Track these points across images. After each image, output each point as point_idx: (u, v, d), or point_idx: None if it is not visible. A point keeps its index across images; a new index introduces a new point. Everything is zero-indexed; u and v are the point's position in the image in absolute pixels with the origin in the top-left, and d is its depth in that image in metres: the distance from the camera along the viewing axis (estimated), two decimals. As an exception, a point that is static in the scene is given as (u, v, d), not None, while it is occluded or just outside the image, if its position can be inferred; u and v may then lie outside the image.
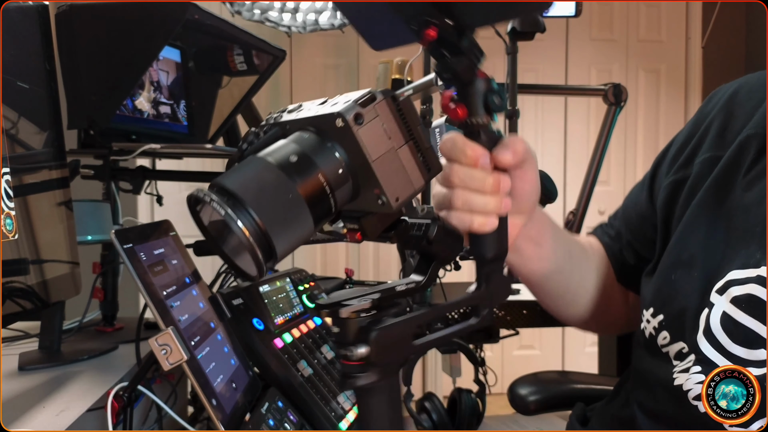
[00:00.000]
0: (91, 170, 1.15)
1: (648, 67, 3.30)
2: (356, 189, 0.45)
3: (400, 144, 0.44)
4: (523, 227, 0.62)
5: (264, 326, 0.91)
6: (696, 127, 0.71)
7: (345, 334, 0.47)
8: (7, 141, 0.81)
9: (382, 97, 0.44)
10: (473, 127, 0.51)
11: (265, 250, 0.41)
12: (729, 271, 0.59)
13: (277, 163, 0.42)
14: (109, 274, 1.17)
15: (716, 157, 0.65)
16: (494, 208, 0.52)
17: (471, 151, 0.51)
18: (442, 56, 0.49)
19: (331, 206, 0.44)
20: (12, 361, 0.95)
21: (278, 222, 0.41)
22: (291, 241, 0.42)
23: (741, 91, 0.68)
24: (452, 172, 0.53)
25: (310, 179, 0.43)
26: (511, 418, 1.39)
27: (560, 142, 3.26)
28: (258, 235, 0.40)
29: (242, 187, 0.41)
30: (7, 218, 0.78)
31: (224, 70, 1.33)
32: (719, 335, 0.57)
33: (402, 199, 0.44)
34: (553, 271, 0.70)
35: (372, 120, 0.43)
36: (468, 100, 0.50)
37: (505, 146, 0.53)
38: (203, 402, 0.75)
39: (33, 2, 0.91)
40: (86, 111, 1.04)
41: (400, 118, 0.45)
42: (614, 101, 1.83)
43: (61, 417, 0.74)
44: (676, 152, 0.72)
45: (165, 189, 1.39)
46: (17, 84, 0.87)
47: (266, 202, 0.41)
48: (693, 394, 0.58)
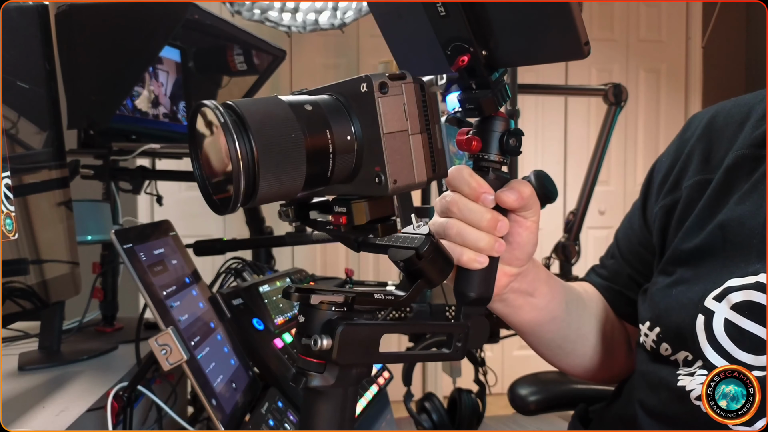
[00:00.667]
0: (91, 170, 1.15)
1: (648, 67, 3.30)
2: (357, 168, 0.44)
3: (416, 131, 0.44)
4: (514, 279, 0.60)
5: (264, 326, 0.91)
6: (678, 152, 0.71)
7: (310, 324, 0.45)
8: (7, 141, 0.81)
9: (412, 80, 0.44)
10: (483, 163, 0.52)
11: (249, 183, 0.38)
12: (727, 280, 0.59)
13: (291, 105, 0.41)
14: (109, 274, 1.17)
15: (705, 180, 0.65)
16: (486, 246, 0.51)
17: (475, 184, 0.51)
18: (469, 87, 0.49)
19: (327, 169, 0.42)
20: (12, 361, 0.95)
21: (272, 159, 0.39)
22: (276, 185, 0.40)
23: (718, 117, 0.69)
24: (453, 201, 0.53)
25: (318, 132, 0.41)
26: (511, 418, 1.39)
27: (560, 142, 3.25)
28: (248, 162, 0.38)
29: (249, 112, 0.39)
30: (7, 218, 0.78)
31: (224, 70, 1.33)
32: (724, 342, 0.57)
33: (400, 184, 0.43)
34: (547, 321, 0.67)
35: (396, 95, 0.43)
36: (484, 135, 0.50)
37: (511, 187, 0.52)
38: (203, 402, 0.75)
39: (33, 2, 0.91)
40: (86, 111, 1.04)
41: (422, 107, 0.44)
42: (614, 101, 1.83)
43: (61, 417, 0.74)
44: (662, 178, 0.72)
45: (165, 189, 1.39)
46: (17, 84, 0.87)
47: (268, 132, 0.39)
48: (695, 395, 0.58)
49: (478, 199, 0.52)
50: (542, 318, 0.66)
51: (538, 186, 1.01)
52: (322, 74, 3.08)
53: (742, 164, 0.62)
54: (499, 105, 0.49)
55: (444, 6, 0.45)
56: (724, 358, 0.57)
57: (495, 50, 0.47)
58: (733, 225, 0.60)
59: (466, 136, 0.51)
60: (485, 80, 0.48)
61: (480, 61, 0.47)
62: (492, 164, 0.52)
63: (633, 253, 0.76)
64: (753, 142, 0.63)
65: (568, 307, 0.69)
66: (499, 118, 0.50)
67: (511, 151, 0.51)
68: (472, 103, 0.49)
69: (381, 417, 1.05)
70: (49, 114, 0.92)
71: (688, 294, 0.62)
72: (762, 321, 0.55)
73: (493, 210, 0.52)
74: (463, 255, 0.52)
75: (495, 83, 0.48)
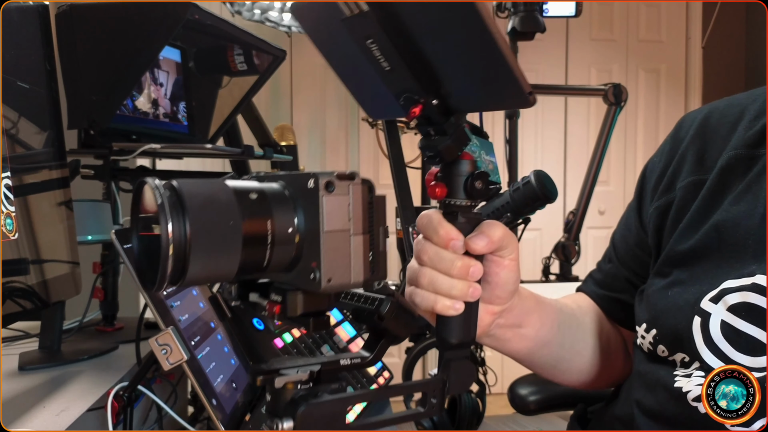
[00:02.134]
0: (92, 170, 1.15)
1: (648, 67, 3.30)
2: (296, 259, 0.43)
3: (358, 232, 0.43)
4: (498, 316, 0.59)
5: (264, 326, 0.91)
6: (672, 153, 0.71)
7: (275, 405, 0.46)
8: (8, 141, 0.81)
9: (361, 181, 0.43)
10: (451, 208, 0.51)
11: (178, 266, 0.38)
12: (723, 281, 0.59)
13: (235, 191, 0.41)
14: (110, 274, 1.17)
15: (699, 180, 0.65)
16: (460, 293, 0.50)
17: (443, 232, 0.50)
18: (428, 133, 0.49)
19: (264, 259, 0.42)
20: (12, 361, 0.96)
21: (206, 244, 0.39)
22: (207, 270, 0.39)
23: (712, 117, 0.68)
24: (423, 249, 0.52)
25: (258, 221, 0.41)
26: (511, 418, 1.39)
27: (560, 142, 3.26)
28: (180, 244, 0.38)
29: (190, 194, 0.39)
30: (8, 218, 0.78)
31: (224, 70, 1.33)
32: (721, 344, 0.57)
33: (334, 282, 0.42)
34: (539, 347, 0.67)
35: (341, 195, 0.42)
36: (449, 180, 0.50)
37: (480, 232, 0.51)
38: (203, 402, 0.75)
39: (33, 2, 0.91)
40: (86, 111, 1.03)
41: (368, 210, 0.44)
42: (614, 101, 1.84)
43: (61, 417, 0.74)
44: (656, 179, 0.71)
45: (165, 189, 1.39)
46: (18, 84, 0.87)
47: (206, 217, 0.39)
48: (692, 396, 0.58)
49: (448, 246, 0.50)
50: (533, 346, 0.66)
51: (539, 186, 1.02)
52: (322, 74, 3.08)
53: (736, 164, 0.62)
54: (458, 150, 0.49)
55: (387, 61, 0.45)
56: (721, 360, 0.57)
57: (447, 98, 0.46)
58: (729, 226, 0.60)
59: (431, 183, 0.50)
60: (442, 127, 0.47)
61: (433, 109, 0.46)
62: (459, 208, 0.51)
63: (630, 255, 0.75)
64: (747, 141, 0.63)
65: (560, 329, 0.69)
66: (462, 161, 0.49)
67: (477, 195, 0.50)
68: (432, 151, 0.49)
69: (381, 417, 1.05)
70: (49, 114, 0.92)
71: (684, 296, 0.61)
72: (759, 323, 0.55)
73: (465, 255, 0.51)
74: (437, 303, 0.51)
75: (452, 128, 0.47)
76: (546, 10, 1.67)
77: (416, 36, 0.45)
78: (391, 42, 0.44)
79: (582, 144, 3.21)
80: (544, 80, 3.13)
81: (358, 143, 3.14)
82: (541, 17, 1.61)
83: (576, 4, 1.72)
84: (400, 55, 0.45)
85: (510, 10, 1.61)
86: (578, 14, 1.74)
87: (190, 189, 0.39)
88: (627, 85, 1.91)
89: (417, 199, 1.74)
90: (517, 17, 1.59)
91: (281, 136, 1.65)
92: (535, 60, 3.10)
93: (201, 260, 0.39)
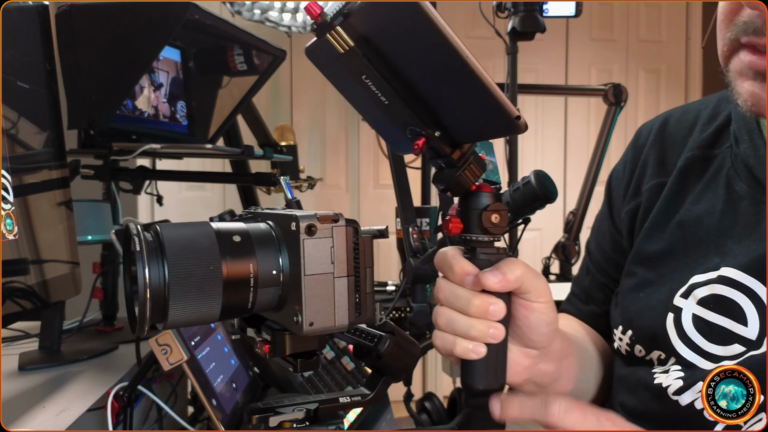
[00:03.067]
0: (92, 170, 1.15)
1: (648, 67, 3.30)
2: (283, 300, 0.43)
3: (342, 275, 0.42)
4: (539, 361, 0.54)
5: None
6: (635, 159, 0.72)
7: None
8: (8, 141, 0.81)
9: (345, 223, 0.42)
10: (470, 244, 0.48)
11: (157, 309, 0.38)
12: (691, 277, 0.60)
13: (218, 234, 0.41)
14: (110, 274, 1.17)
15: (661, 182, 0.67)
16: (479, 335, 0.47)
17: (458, 268, 0.48)
18: (440, 166, 0.47)
19: (247, 302, 0.42)
20: (12, 361, 0.96)
21: (185, 288, 0.39)
22: (188, 313, 0.40)
23: (669, 124, 0.71)
24: (440, 286, 0.49)
25: (240, 263, 0.41)
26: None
27: (560, 142, 3.26)
28: (158, 289, 0.38)
29: (171, 239, 0.39)
30: (8, 218, 0.78)
31: (224, 70, 1.33)
32: (694, 337, 0.59)
33: (316, 326, 0.41)
34: (565, 393, 0.62)
35: (324, 238, 0.41)
36: (465, 214, 0.48)
37: (495, 268, 0.47)
38: (203, 402, 0.75)
39: (33, 2, 0.91)
40: (86, 111, 1.04)
41: (353, 251, 0.43)
42: (614, 101, 1.84)
43: (61, 417, 0.74)
44: (624, 186, 0.73)
45: (165, 189, 1.39)
46: (17, 84, 0.87)
47: (185, 263, 0.39)
48: (672, 390, 0.59)
49: (463, 283, 0.48)
50: (562, 392, 0.62)
51: (539, 186, 1.02)
52: (321, 75, 3.08)
53: (693, 165, 0.65)
54: (470, 181, 0.46)
55: (384, 95, 0.45)
56: (696, 353, 0.59)
57: (450, 129, 0.45)
58: (691, 224, 0.62)
59: (446, 220, 0.48)
60: (450, 159, 0.46)
61: (437, 141, 0.45)
62: (477, 243, 0.48)
63: (608, 261, 0.76)
64: (702, 144, 0.65)
65: (585, 374, 0.67)
66: (478, 193, 0.47)
67: (492, 230, 0.47)
68: (443, 184, 0.47)
69: (381, 417, 1.05)
70: (49, 114, 0.92)
71: (657, 295, 0.63)
72: (727, 313, 0.57)
73: (484, 293, 0.48)
74: (455, 346, 0.47)
75: (461, 159, 0.46)
76: (546, 10, 1.67)
77: (404, 70, 0.44)
78: (382, 76, 0.44)
79: (582, 144, 3.21)
80: (544, 80, 3.14)
81: (358, 143, 3.14)
82: (541, 17, 1.61)
83: (576, 4, 1.72)
84: (394, 90, 0.44)
85: (510, 10, 1.61)
86: (578, 14, 1.74)
87: (170, 234, 0.39)
88: (627, 85, 1.92)
89: (417, 199, 1.74)
90: (517, 17, 1.60)
91: (281, 136, 1.65)
92: (536, 60, 3.10)
93: (181, 304, 0.39)
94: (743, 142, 0.60)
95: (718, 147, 0.64)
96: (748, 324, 0.56)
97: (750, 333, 0.56)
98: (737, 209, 0.60)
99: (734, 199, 0.60)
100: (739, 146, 0.61)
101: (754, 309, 0.56)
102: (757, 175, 0.59)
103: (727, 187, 0.61)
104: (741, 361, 0.56)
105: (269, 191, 1.54)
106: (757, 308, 0.56)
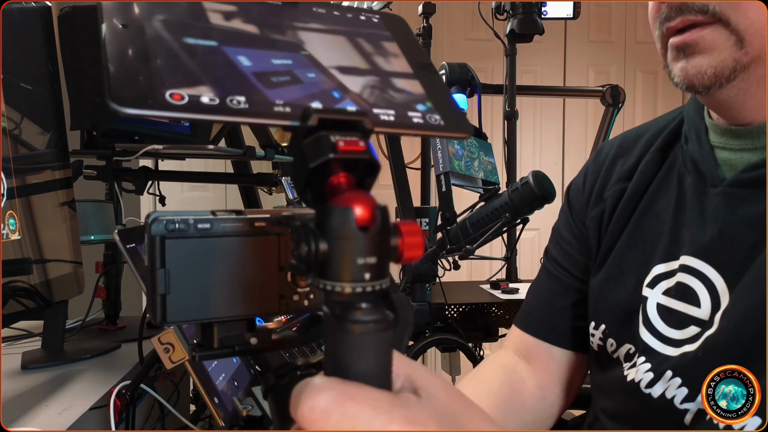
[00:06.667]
0: (94, 171, 1.16)
1: (646, 69, 3.31)
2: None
3: None
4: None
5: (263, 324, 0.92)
6: (596, 172, 0.77)
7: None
8: (11, 141, 0.82)
9: None
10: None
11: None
12: (653, 267, 0.65)
13: None
14: (112, 274, 1.17)
15: (623, 187, 0.72)
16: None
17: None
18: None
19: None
20: (15, 360, 0.96)
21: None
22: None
23: (625, 141, 0.77)
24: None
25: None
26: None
27: (558, 143, 3.26)
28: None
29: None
30: (11, 218, 0.79)
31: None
32: (657, 324, 0.63)
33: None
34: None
35: None
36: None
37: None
38: (205, 400, 0.76)
39: (36, 3, 0.92)
40: (89, 112, 1.04)
41: None
42: (612, 102, 1.84)
43: (64, 416, 0.75)
44: (586, 196, 0.77)
45: (167, 189, 1.40)
46: (20, 85, 0.87)
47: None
48: (644, 384, 0.61)
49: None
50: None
51: (537, 186, 1.03)
52: (321, 75, 3.08)
53: (650, 167, 0.71)
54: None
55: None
56: (656, 338, 0.62)
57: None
58: (651, 219, 0.68)
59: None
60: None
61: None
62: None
63: (574, 264, 0.78)
64: (658, 147, 0.71)
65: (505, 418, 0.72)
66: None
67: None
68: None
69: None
70: (52, 115, 0.93)
71: (623, 288, 0.67)
72: (687, 299, 0.60)
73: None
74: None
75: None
76: (544, 12, 1.68)
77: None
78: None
79: (580, 145, 3.22)
80: (542, 82, 3.14)
81: (358, 144, 3.14)
82: (540, 19, 1.62)
83: (574, 6, 1.73)
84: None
85: (508, 12, 1.62)
86: (576, 16, 1.75)
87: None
88: (625, 87, 1.92)
89: (417, 199, 1.74)
90: (515, 19, 1.60)
91: (282, 136, 1.66)
92: (534, 62, 3.11)
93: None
94: (691, 140, 0.66)
95: (672, 148, 0.70)
96: (701, 305, 0.59)
97: (702, 314, 0.59)
98: (686, 201, 0.64)
99: (684, 192, 0.65)
100: (687, 144, 0.66)
101: (705, 290, 0.60)
102: (701, 168, 0.63)
103: (679, 182, 0.66)
104: (700, 343, 0.58)
105: (270, 191, 1.55)
106: (708, 289, 0.59)
